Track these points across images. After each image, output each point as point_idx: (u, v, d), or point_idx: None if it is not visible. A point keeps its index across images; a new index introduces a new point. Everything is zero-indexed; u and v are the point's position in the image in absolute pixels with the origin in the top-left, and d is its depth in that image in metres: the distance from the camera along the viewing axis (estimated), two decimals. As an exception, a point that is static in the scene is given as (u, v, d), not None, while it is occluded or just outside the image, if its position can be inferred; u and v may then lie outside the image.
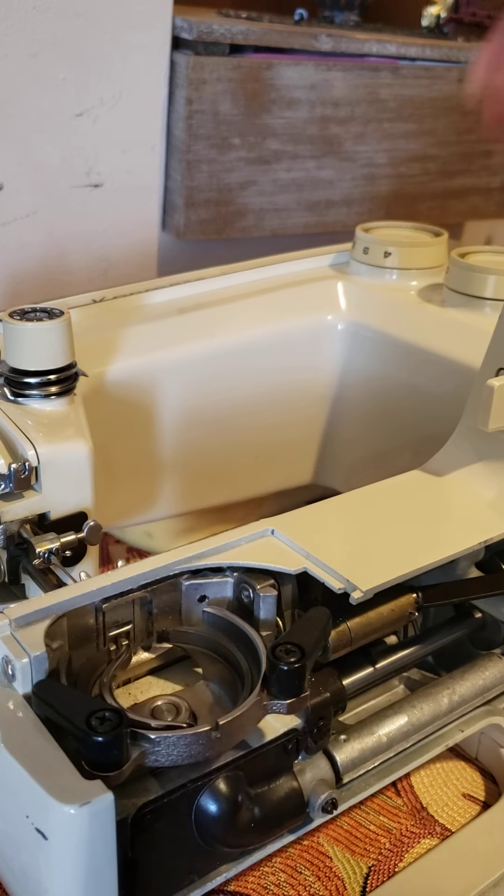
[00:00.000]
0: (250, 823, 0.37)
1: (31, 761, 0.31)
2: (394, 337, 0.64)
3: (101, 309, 0.63)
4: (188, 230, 0.89)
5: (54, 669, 0.35)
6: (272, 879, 0.45)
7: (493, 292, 0.63)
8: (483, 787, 0.52)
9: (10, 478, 0.46)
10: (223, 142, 0.87)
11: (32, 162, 0.82)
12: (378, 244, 0.69)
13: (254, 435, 0.67)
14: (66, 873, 0.31)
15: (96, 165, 0.86)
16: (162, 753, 0.33)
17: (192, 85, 0.84)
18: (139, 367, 0.60)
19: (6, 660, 0.34)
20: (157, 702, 0.37)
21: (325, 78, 0.90)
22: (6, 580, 0.48)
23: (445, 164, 1.02)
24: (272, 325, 0.66)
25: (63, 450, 0.48)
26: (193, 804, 0.35)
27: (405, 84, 0.95)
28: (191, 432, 0.63)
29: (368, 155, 0.96)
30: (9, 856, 0.35)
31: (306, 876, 0.46)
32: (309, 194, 0.94)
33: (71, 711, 0.32)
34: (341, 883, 0.46)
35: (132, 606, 0.39)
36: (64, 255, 0.87)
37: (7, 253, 0.84)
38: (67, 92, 0.82)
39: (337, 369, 0.68)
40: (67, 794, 0.29)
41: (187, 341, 0.62)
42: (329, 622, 0.38)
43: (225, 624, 0.39)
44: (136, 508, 0.63)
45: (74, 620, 0.37)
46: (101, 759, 0.31)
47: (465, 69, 0.98)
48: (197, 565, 0.40)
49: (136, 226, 0.91)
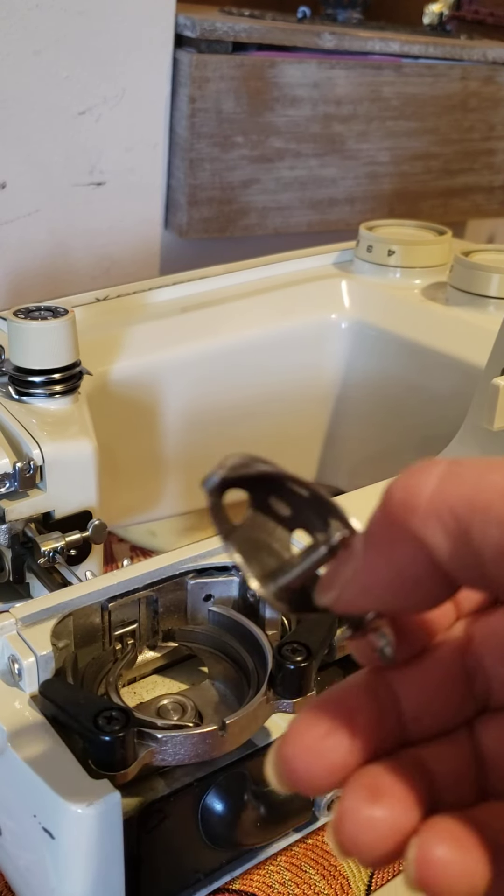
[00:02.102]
0: (256, 822, 0.37)
1: (37, 761, 0.31)
2: (398, 335, 0.64)
3: (104, 307, 0.63)
4: (191, 228, 0.89)
5: (60, 668, 0.35)
6: (277, 878, 0.45)
7: (498, 291, 0.63)
8: (487, 785, 0.52)
9: (14, 477, 0.46)
10: (226, 140, 0.87)
11: (35, 160, 0.82)
12: (382, 242, 0.69)
13: (257, 433, 0.67)
14: (73, 872, 0.31)
15: (99, 164, 0.86)
16: (168, 753, 0.33)
17: (195, 83, 0.84)
18: (143, 366, 0.60)
19: (12, 659, 0.34)
20: (163, 701, 0.37)
21: (328, 76, 0.90)
22: (11, 579, 0.48)
23: (448, 162, 1.02)
24: (275, 324, 0.66)
25: (68, 448, 0.48)
26: (199, 803, 0.35)
27: (408, 82, 0.95)
28: (194, 430, 0.63)
29: (371, 153, 0.96)
30: (15, 854, 0.35)
31: (311, 874, 0.46)
32: (312, 192, 0.94)
33: (77, 711, 0.32)
34: (346, 881, 0.46)
35: (138, 605, 0.39)
36: (66, 253, 0.87)
37: (9, 251, 0.84)
38: (70, 90, 0.82)
39: (340, 368, 0.68)
40: (74, 794, 0.29)
41: (191, 340, 0.62)
42: (335, 621, 0.38)
43: (231, 623, 0.39)
44: (140, 507, 0.63)
45: (80, 619, 0.37)
46: (107, 759, 0.31)
47: (469, 67, 0.98)
48: (202, 564, 0.40)
49: (138, 224, 0.91)
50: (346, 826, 0.21)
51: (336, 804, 0.21)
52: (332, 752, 0.22)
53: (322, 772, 0.22)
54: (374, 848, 0.21)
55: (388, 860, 0.21)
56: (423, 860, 0.20)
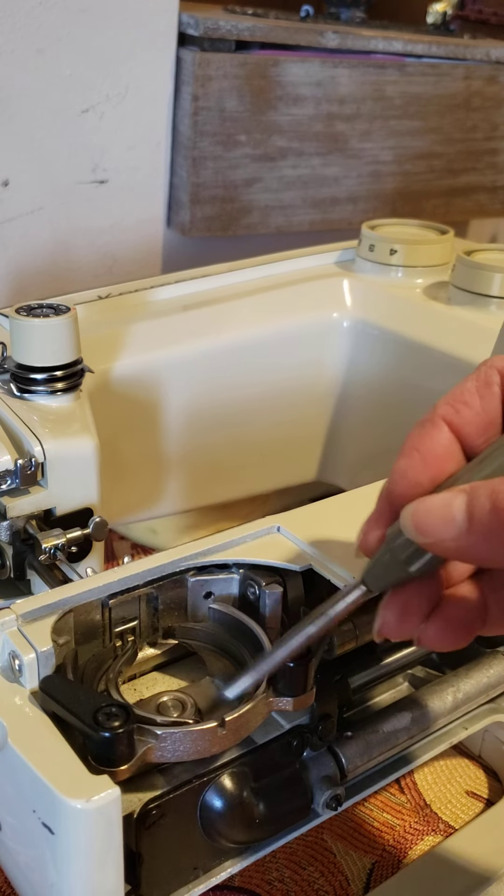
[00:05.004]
0: (255, 819, 0.37)
1: (37, 756, 0.31)
2: (399, 334, 0.64)
3: (106, 305, 0.63)
4: (193, 227, 0.89)
5: (61, 665, 0.35)
6: (276, 875, 0.45)
7: (499, 290, 0.63)
8: (486, 784, 0.52)
9: (16, 473, 0.46)
10: (229, 138, 0.87)
11: (38, 158, 0.82)
12: (384, 241, 0.69)
13: (258, 432, 0.67)
14: (73, 867, 0.31)
15: (102, 162, 0.86)
16: (168, 749, 0.33)
17: (198, 81, 0.84)
18: (144, 364, 0.60)
19: (13, 655, 0.34)
20: (163, 698, 0.37)
21: (331, 75, 0.90)
22: (12, 576, 0.48)
23: (451, 161, 1.02)
24: (277, 323, 0.66)
25: (69, 446, 0.48)
26: (199, 800, 0.35)
27: (411, 81, 0.95)
28: (195, 429, 0.63)
29: (374, 152, 0.96)
30: (15, 850, 0.35)
31: (310, 872, 0.46)
32: (314, 191, 0.94)
33: (78, 707, 0.32)
34: (345, 879, 0.46)
35: (138, 602, 0.39)
36: (69, 251, 0.87)
37: (12, 249, 0.84)
38: (73, 88, 0.82)
39: (342, 367, 0.69)
40: (74, 790, 0.29)
41: (192, 338, 0.62)
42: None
43: (230, 620, 0.39)
44: (141, 505, 0.63)
45: (81, 616, 0.37)
46: (107, 755, 0.31)
47: (472, 67, 0.98)
48: (203, 562, 0.40)
49: (141, 222, 0.91)
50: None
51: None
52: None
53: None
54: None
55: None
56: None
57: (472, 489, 0.28)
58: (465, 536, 0.27)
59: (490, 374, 0.31)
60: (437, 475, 0.30)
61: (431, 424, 0.31)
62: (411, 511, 0.29)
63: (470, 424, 0.31)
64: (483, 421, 0.30)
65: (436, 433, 0.31)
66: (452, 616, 0.30)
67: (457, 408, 0.31)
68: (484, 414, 0.30)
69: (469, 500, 0.27)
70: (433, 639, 0.30)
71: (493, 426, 0.31)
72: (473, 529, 0.27)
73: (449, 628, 0.30)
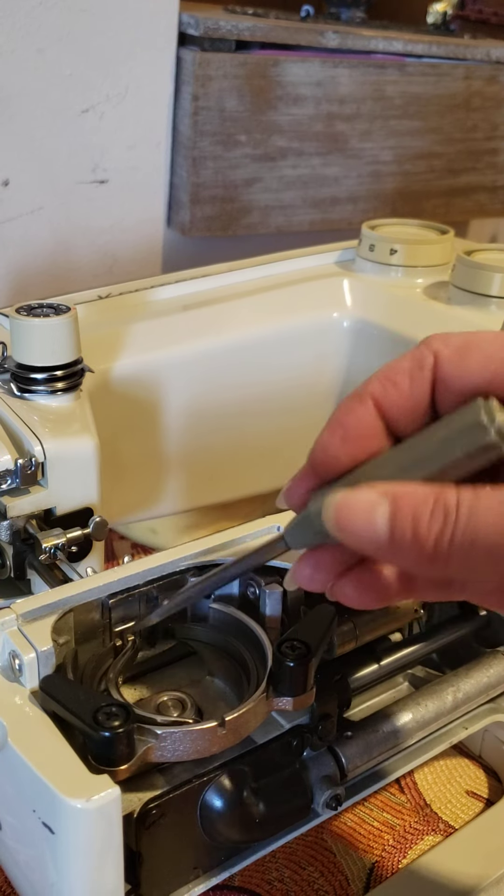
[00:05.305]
0: (255, 819, 0.37)
1: (37, 756, 0.31)
2: (399, 334, 0.64)
3: (106, 305, 0.63)
4: (193, 227, 0.89)
5: (61, 664, 0.35)
6: (276, 875, 0.45)
7: (500, 290, 0.63)
8: (486, 784, 0.52)
9: (16, 473, 0.46)
10: (229, 138, 0.87)
11: (38, 158, 0.82)
12: (384, 241, 0.69)
13: (258, 432, 0.67)
14: (73, 867, 0.31)
15: (102, 161, 0.86)
16: (168, 748, 0.33)
17: (199, 81, 0.84)
18: (145, 364, 0.60)
19: (13, 654, 0.34)
20: (163, 697, 0.37)
21: (332, 75, 0.90)
22: (12, 575, 0.48)
23: (451, 161, 1.02)
24: (277, 322, 0.66)
25: (69, 445, 0.48)
26: (199, 799, 0.35)
27: (411, 81, 0.95)
28: (196, 429, 0.63)
29: (374, 152, 0.96)
30: (15, 849, 0.35)
31: (310, 872, 0.46)
32: (314, 191, 0.94)
33: (78, 707, 0.32)
34: (345, 879, 0.46)
35: (138, 602, 0.39)
36: (69, 251, 0.87)
37: (12, 248, 0.84)
38: (73, 88, 0.82)
39: (342, 366, 0.68)
40: (74, 789, 0.29)
41: (192, 338, 0.62)
42: (335, 619, 0.38)
43: (231, 620, 0.39)
44: (141, 504, 0.63)
45: (81, 616, 0.37)
46: (107, 754, 0.31)
47: (472, 67, 0.98)
48: (203, 561, 0.40)
49: (141, 222, 0.91)
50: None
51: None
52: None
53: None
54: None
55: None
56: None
57: (395, 501, 0.27)
58: (385, 546, 0.27)
59: (424, 356, 0.30)
60: (358, 453, 0.30)
61: (359, 400, 0.30)
62: (334, 505, 0.28)
63: (396, 406, 0.30)
64: (410, 404, 0.30)
65: (362, 410, 0.30)
66: (367, 580, 0.30)
67: (386, 387, 0.30)
68: (411, 397, 0.30)
69: (392, 513, 0.27)
70: (349, 597, 0.31)
71: (420, 410, 0.30)
72: (394, 545, 0.27)
73: (363, 589, 0.30)
